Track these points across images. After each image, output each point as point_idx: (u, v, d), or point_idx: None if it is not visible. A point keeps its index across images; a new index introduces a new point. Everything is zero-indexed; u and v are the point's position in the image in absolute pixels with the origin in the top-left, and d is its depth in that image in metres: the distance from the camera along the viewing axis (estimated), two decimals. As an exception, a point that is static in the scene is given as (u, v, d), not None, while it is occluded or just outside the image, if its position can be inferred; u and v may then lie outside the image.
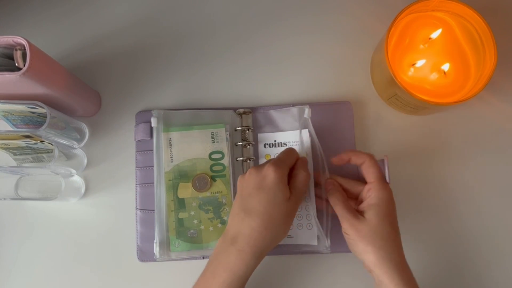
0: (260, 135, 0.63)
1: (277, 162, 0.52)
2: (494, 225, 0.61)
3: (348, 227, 0.52)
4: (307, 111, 0.60)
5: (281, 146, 0.62)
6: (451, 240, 0.61)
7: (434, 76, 0.58)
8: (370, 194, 0.53)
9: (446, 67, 0.57)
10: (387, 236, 0.51)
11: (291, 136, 0.62)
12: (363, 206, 0.53)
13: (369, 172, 0.54)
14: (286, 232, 0.52)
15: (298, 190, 0.53)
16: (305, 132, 0.60)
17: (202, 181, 0.60)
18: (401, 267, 0.50)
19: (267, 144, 0.62)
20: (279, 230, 0.51)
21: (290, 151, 0.55)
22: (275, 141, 0.62)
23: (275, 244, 0.52)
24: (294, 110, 0.62)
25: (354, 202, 0.56)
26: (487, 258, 0.61)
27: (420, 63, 0.58)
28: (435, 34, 0.58)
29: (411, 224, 0.62)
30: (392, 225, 0.52)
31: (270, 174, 0.50)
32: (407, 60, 0.59)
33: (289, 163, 0.54)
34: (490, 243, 0.61)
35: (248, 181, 0.52)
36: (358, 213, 0.53)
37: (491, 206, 0.62)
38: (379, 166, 0.55)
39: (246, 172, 0.53)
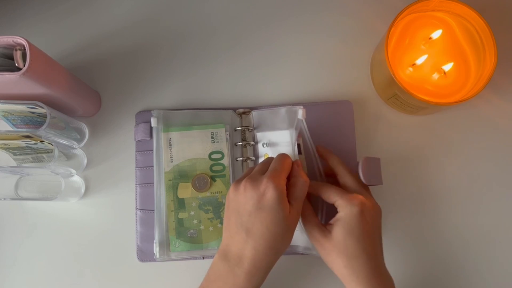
0: (258, 134, 0.62)
1: (274, 174, 0.50)
2: (494, 225, 0.61)
3: (314, 243, 0.52)
4: (300, 112, 0.58)
5: (275, 146, 0.60)
6: (451, 240, 0.61)
7: (434, 76, 0.58)
8: (339, 209, 0.51)
9: (448, 67, 0.57)
10: (350, 254, 0.49)
11: (282, 136, 0.60)
12: (333, 220, 0.52)
13: (329, 195, 0.52)
14: (288, 244, 0.51)
15: (298, 199, 0.51)
16: (292, 133, 0.58)
17: (202, 181, 0.60)
18: (371, 283, 0.48)
19: (265, 144, 0.61)
20: (282, 245, 0.50)
21: (283, 158, 0.52)
22: (269, 140, 0.61)
23: (279, 257, 0.51)
24: (283, 110, 0.61)
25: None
26: (490, 258, 0.61)
27: (421, 59, 0.58)
28: (435, 35, 0.58)
29: (411, 224, 0.62)
30: (359, 241, 0.49)
31: (269, 191, 0.48)
32: (407, 60, 0.59)
33: (286, 172, 0.52)
34: (490, 243, 0.61)
35: (245, 197, 0.49)
36: (326, 229, 0.51)
37: (492, 206, 0.62)
38: (349, 173, 0.55)
39: (240, 184, 0.50)
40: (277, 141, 0.60)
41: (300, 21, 0.66)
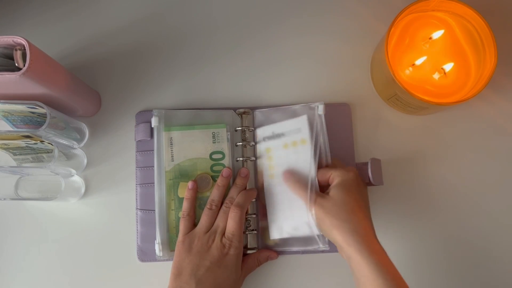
0: (257, 131, 0.62)
1: (236, 238, 0.55)
2: (495, 224, 0.61)
3: (312, 205, 0.53)
4: (321, 108, 0.60)
5: (280, 137, 0.60)
6: (451, 239, 0.61)
7: (434, 76, 0.58)
8: (333, 179, 0.55)
9: (448, 67, 0.57)
10: (350, 210, 0.51)
11: (289, 125, 0.60)
12: (328, 190, 0.55)
13: (332, 169, 0.56)
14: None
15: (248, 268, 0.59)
16: (304, 119, 0.59)
17: (204, 181, 0.60)
18: (368, 239, 0.50)
19: (266, 138, 0.61)
20: None
21: (249, 196, 0.59)
22: (273, 132, 0.61)
23: None
24: (297, 107, 0.61)
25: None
26: (491, 258, 0.61)
27: (420, 60, 0.58)
28: (436, 35, 0.58)
29: (411, 224, 0.62)
30: (357, 201, 0.53)
31: (232, 255, 0.55)
32: (407, 60, 0.59)
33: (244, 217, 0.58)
34: (491, 243, 0.61)
35: (212, 250, 0.55)
36: (324, 193, 0.54)
37: (493, 206, 0.62)
38: (340, 163, 0.59)
39: (205, 236, 0.56)
40: (283, 131, 0.61)
41: (300, 22, 0.66)
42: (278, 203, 0.59)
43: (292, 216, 0.58)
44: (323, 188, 0.56)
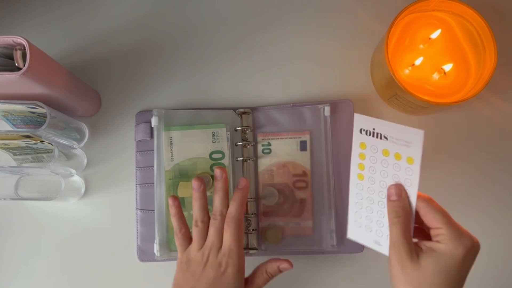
0: (355, 116, 0.49)
1: (234, 255, 0.50)
2: (494, 225, 0.61)
3: (396, 262, 0.43)
4: (327, 110, 0.60)
5: (381, 138, 0.48)
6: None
7: (434, 76, 0.58)
8: (439, 239, 0.43)
9: (448, 67, 0.57)
10: None
11: (397, 130, 0.48)
12: (425, 244, 0.44)
13: (430, 217, 0.45)
14: None
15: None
16: (420, 135, 0.47)
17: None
18: None
19: (363, 130, 0.49)
20: None
21: (242, 202, 0.53)
22: (374, 129, 0.48)
23: None
24: (305, 109, 0.62)
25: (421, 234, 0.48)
26: (492, 259, 0.61)
27: (419, 60, 0.58)
28: (435, 35, 0.58)
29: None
30: (449, 286, 0.42)
31: (230, 274, 0.49)
32: (407, 60, 0.59)
33: (243, 213, 0.53)
34: (492, 242, 0.61)
35: (207, 270, 0.50)
36: (415, 252, 0.43)
37: (493, 206, 0.62)
38: (444, 211, 0.46)
39: (198, 254, 0.51)
40: (386, 134, 0.48)
41: (300, 22, 0.66)
42: (364, 208, 0.51)
43: (378, 232, 0.50)
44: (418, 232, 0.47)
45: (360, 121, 0.49)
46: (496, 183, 0.62)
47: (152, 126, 0.62)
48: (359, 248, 0.59)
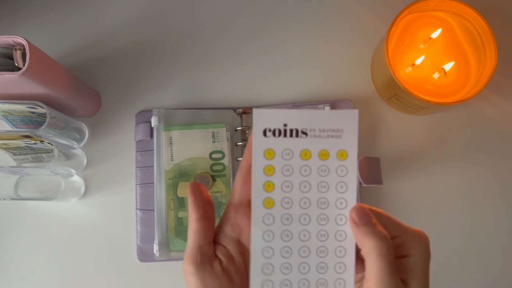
0: (255, 111, 0.34)
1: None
2: (496, 225, 0.61)
3: None
4: (327, 110, 0.59)
5: (298, 135, 0.34)
6: (453, 240, 0.61)
7: (434, 75, 0.58)
8: (404, 252, 0.36)
9: (448, 66, 0.57)
10: None
11: (320, 118, 0.34)
12: (403, 266, 0.35)
13: (402, 229, 0.37)
14: None
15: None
16: (354, 115, 0.34)
17: (203, 180, 0.60)
18: None
19: (269, 131, 0.34)
20: None
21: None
22: (285, 125, 0.34)
23: None
24: (303, 108, 0.61)
25: None
26: (493, 259, 0.61)
27: (419, 60, 0.58)
28: (435, 34, 0.58)
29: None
30: None
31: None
32: (408, 59, 0.59)
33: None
34: (492, 243, 0.61)
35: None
36: (400, 278, 0.34)
37: (494, 206, 0.62)
38: (391, 216, 0.36)
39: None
40: (305, 127, 0.34)
41: (301, 20, 0.66)
42: (277, 253, 0.35)
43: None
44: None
45: (262, 118, 0.34)
46: (497, 183, 0.62)
47: (152, 126, 0.62)
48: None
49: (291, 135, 0.34)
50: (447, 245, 0.61)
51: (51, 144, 0.56)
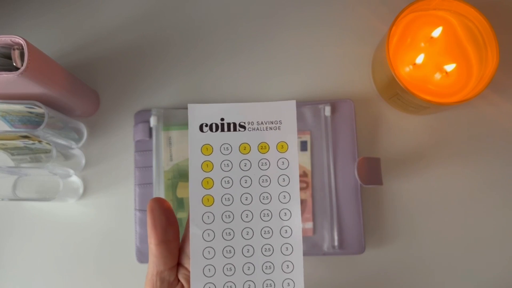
0: (190, 106, 0.34)
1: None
2: (496, 225, 0.61)
3: None
4: (328, 109, 0.59)
5: (236, 129, 0.34)
6: (454, 241, 0.61)
7: (436, 75, 0.58)
8: None
9: (450, 67, 0.57)
10: None
11: (256, 110, 0.34)
12: None
13: None
14: None
15: None
16: (291, 105, 0.34)
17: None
18: None
19: (206, 126, 0.34)
20: None
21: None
22: (222, 119, 0.34)
23: None
24: (304, 109, 0.61)
25: None
26: (494, 259, 0.61)
27: (420, 58, 0.57)
28: (436, 32, 0.58)
29: (412, 225, 0.61)
30: None
31: None
32: (409, 59, 0.58)
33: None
34: (494, 243, 0.61)
35: None
36: None
37: (494, 206, 0.61)
38: None
39: None
40: (243, 120, 0.34)
41: (301, 19, 0.66)
42: (219, 254, 0.34)
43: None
44: None
45: (197, 113, 0.34)
46: (498, 183, 0.62)
47: (151, 126, 0.61)
48: (361, 249, 0.59)
49: (228, 129, 0.33)
50: (447, 245, 0.61)
51: (50, 144, 0.55)
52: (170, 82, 0.65)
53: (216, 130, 0.33)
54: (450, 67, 0.57)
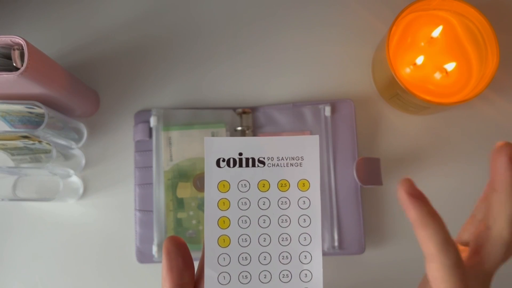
0: (207, 140, 0.32)
1: None
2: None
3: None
4: (328, 110, 0.59)
5: (255, 165, 0.32)
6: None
7: (436, 75, 0.58)
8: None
9: (450, 66, 0.57)
10: None
11: (277, 145, 0.32)
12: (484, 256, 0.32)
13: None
14: None
15: None
16: (314, 141, 0.32)
17: (203, 181, 0.60)
18: None
19: (223, 161, 0.31)
20: None
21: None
22: (240, 154, 0.32)
23: None
24: (304, 109, 0.61)
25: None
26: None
27: (420, 59, 0.57)
28: (436, 32, 0.58)
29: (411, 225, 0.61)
30: None
31: None
32: (409, 59, 0.58)
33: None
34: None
35: None
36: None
37: (493, 206, 0.61)
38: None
39: None
40: (263, 156, 0.32)
41: (301, 19, 0.66)
42: None
43: None
44: None
45: (214, 147, 0.31)
46: (497, 184, 0.62)
47: (151, 126, 0.61)
48: (361, 249, 0.59)
49: (247, 165, 0.31)
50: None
51: (50, 145, 0.55)
52: (170, 82, 0.65)
53: (234, 165, 0.31)
54: (450, 66, 0.57)
